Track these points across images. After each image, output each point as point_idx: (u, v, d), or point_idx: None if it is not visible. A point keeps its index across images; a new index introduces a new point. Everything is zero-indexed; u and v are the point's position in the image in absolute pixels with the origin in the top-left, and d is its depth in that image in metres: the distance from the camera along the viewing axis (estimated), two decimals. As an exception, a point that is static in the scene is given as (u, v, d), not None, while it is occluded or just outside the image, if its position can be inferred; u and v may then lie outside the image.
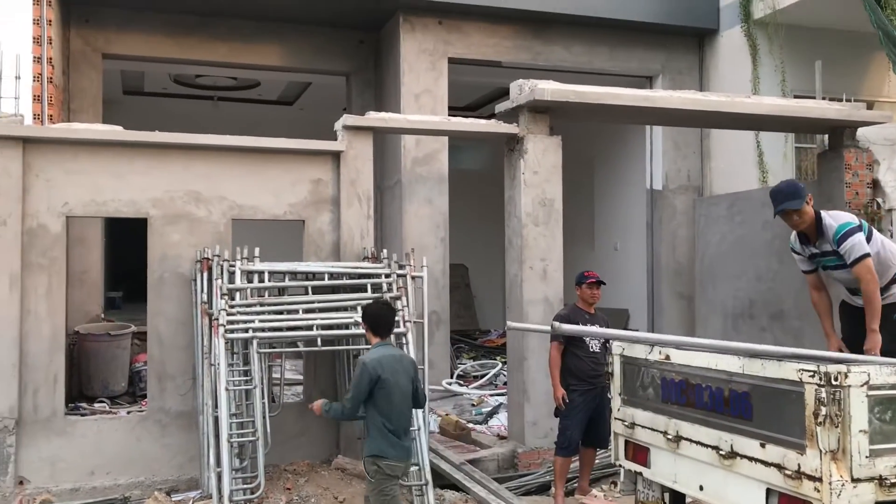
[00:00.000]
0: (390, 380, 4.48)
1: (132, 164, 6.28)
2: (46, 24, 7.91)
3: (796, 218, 4.99)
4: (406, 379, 4.59)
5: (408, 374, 4.62)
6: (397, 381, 4.52)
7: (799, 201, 4.93)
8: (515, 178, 7.09)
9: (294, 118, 14.00)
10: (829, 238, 4.96)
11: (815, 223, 5.01)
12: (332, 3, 9.23)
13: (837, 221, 4.95)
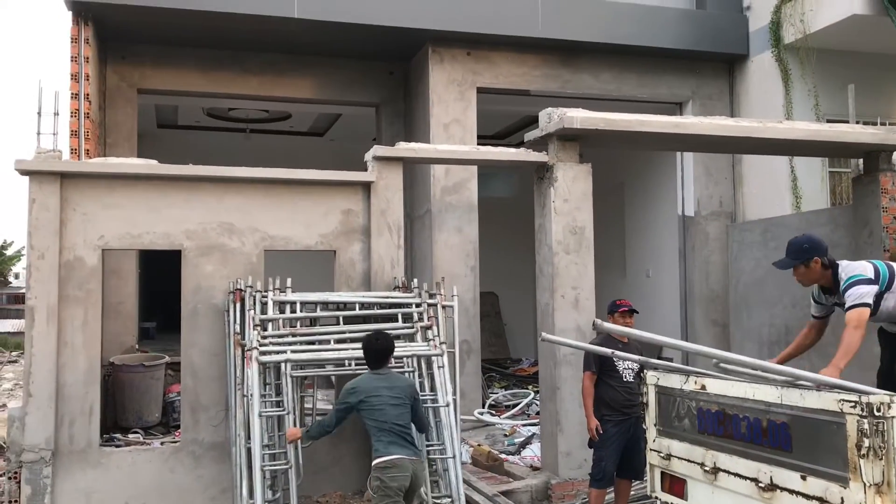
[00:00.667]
0: (372, 397, 4.73)
1: (166, 196, 6.38)
2: (84, 62, 8.10)
3: (796, 275, 5.10)
4: (394, 396, 4.76)
5: (398, 393, 4.79)
6: (381, 396, 4.74)
7: (791, 261, 5.04)
8: (545, 206, 7.07)
9: (325, 149, 14.15)
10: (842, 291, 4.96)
11: (833, 275, 5.01)
12: (362, 37, 9.33)
13: (848, 273, 4.95)
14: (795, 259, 5.04)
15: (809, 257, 4.99)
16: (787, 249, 5.13)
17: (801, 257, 5.00)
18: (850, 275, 4.94)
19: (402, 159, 7.03)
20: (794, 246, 5.10)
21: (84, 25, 8.30)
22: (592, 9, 9.75)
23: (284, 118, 13.16)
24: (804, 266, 5.02)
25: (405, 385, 4.97)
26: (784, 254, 5.14)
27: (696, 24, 10.16)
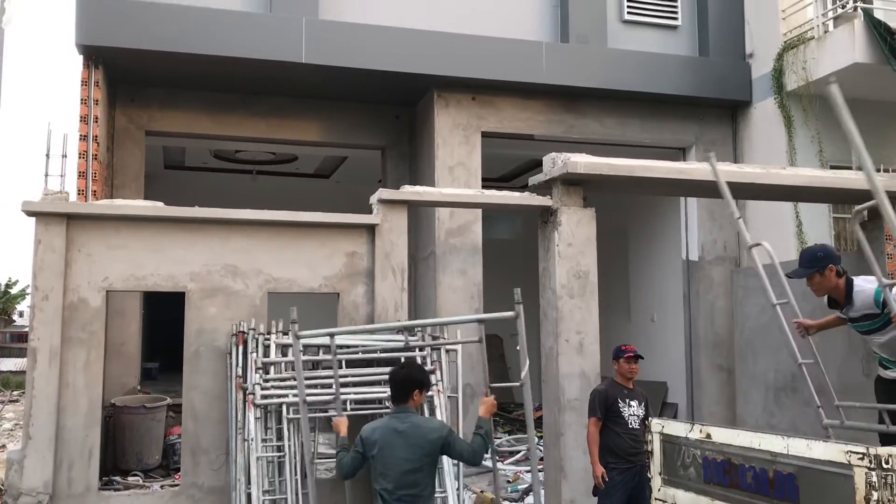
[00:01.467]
0: (385, 452, 4.17)
1: (172, 238, 6.40)
2: (94, 104, 8.20)
3: (811, 285, 5.13)
4: (409, 457, 4.13)
5: (415, 452, 4.14)
6: (394, 455, 4.15)
7: (805, 270, 5.08)
8: (550, 250, 7.08)
9: (330, 190, 14.23)
10: (863, 303, 4.92)
11: (846, 289, 4.98)
12: (369, 82, 9.44)
13: (872, 284, 4.93)
14: (811, 267, 5.06)
15: (825, 265, 5.02)
16: (800, 260, 5.18)
17: (817, 265, 5.03)
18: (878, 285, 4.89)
19: (407, 202, 7.06)
20: (809, 255, 5.16)
21: (94, 69, 8.41)
22: (596, 56, 9.87)
23: (291, 160, 13.26)
24: (820, 274, 5.02)
25: (429, 438, 4.19)
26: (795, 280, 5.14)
27: (699, 70, 10.26)
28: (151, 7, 8.50)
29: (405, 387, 4.35)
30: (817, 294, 5.23)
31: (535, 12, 10.11)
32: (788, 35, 9.75)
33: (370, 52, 9.05)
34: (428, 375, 4.65)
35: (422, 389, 4.41)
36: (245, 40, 8.64)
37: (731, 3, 10.50)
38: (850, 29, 8.82)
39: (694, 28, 10.62)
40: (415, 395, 4.35)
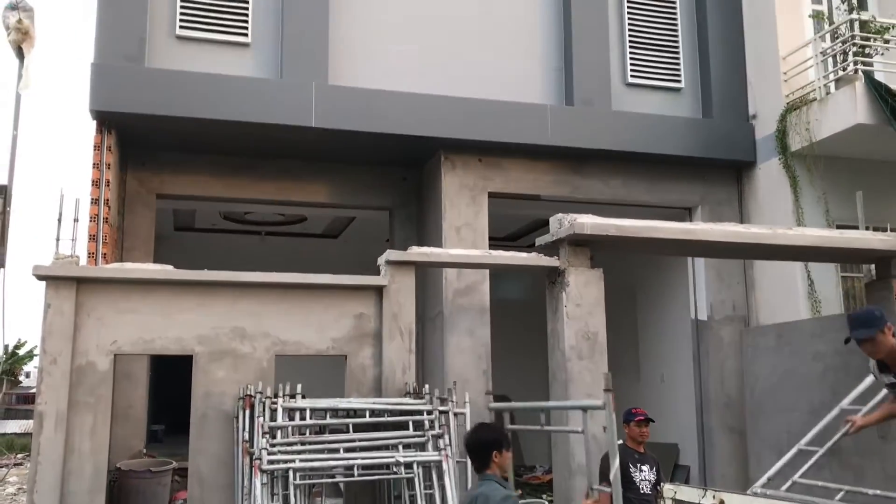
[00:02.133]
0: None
1: (180, 302, 6.43)
2: (105, 168, 8.32)
3: (870, 347, 4.93)
4: None
5: None
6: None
7: (867, 331, 4.89)
8: (558, 310, 7.08)
9: (338, 251, 14.30)
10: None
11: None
12: (377, 144, 9.57)
13: None
14: (872, 328, 4.88)
15: (883, 324, 4.88)
16: (854, 323, 4.98)
17: (879, 324, 4.87)
18: None
19: (415, 263, 7.10)
20: (865, 316, 5.00)
21: (107, 133, 8.56)
22: (600, 118, 10.00)
23: (299, 221, 13.36)
24: (881, 333, 4.87)
25: None
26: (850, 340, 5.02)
27: (703, 132, 10.38)
28: (164, 74, 8.69)
29: (478, 452, 4.15)
30: (874, 356, 5.04)
31: (540, 76, 10.28)
32: (791, 97, 9.87)
33: (378, 115, 9.19)
34: (500, 432, 4.35)
35: (500, 450, 4.14)
36: (256, 105, 8.80)
37: (733, 66, 10.67)
38: (852, 91, 8.94)
39: (697, 90, 10.77)
40: (495, 458, 4.11)
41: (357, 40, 9.63)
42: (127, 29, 8.66)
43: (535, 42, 10.32)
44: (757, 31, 10.45)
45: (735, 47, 10.71)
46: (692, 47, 10.86)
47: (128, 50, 8.61)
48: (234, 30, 9.18)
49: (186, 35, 9.03)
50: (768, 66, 10.22)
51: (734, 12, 10.79)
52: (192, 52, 9.04)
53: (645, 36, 10.62)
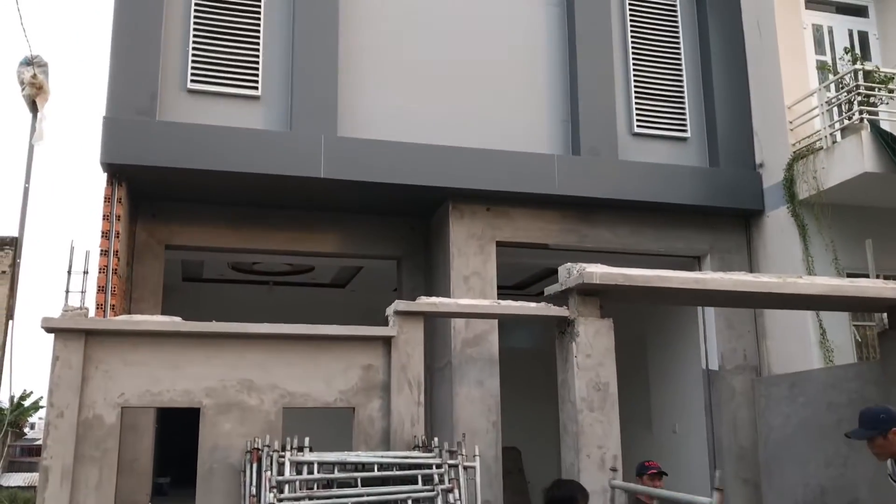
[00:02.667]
0: None
1: (188, 353, 6.40)
2: (115, 220, 8.37)
3: (872, 447, 4.92)
4: None
5: None
6: None
7: (867, 432, 4.88)
8: (568, 361, 7.01)
9: (346, 300, 14.30)
10: None
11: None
12: (385, 194, 9.63)
13: None
14: (873, 429, 4.87)
15: (888, 428, 4.83)
16: (860, 419, 4.98)
17: (879, 427, 4.84)
18: None
19: (424, 314, 7.07)
20: (870, 416, 4.96)
21: (118, 185, 8.63)
22: (607, 167, 10.05)
23: (307, 271, 13.38)
24: (882, 437, 4.84)
25: None
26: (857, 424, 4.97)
27: (710, 180, 10.41)
28: (175, 127, 8.80)
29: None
30: (879, 458, 5.00)
31: (547, 126, 10.36)
32: (797, 145, 9.92)
33: (387, 166, 9.26)
34: (580, 489, 4.33)
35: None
36: (266, 157, 8.88)
37: (739, 115, 10.75)
38: (858, 139, 8.97)
39: (703, 139, 10.84)
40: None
41: (365, 92, 9.76)
42: (139, 83, 8.79)
43: (542, 93, 10.43)
44: (762, 81, 10.54)
45: (740, 97, 10.80)
46: (697, 97, 10.96)
47: (139, 104, 8.73)
48: (245, 83, 9.31)
49: (197, 89, 9.17)
50: (774, 115, 10.29)
51: (739, 62, 10.91)
52: (203, 105, 9.17)
53: (650, 86, 10.73)
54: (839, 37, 10.71)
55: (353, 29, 9.84)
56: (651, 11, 10.97)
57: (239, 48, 9.37)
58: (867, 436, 4.91)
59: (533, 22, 10.58)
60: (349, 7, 9.85)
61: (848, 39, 10.73)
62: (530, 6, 10.61)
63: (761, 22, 10.56)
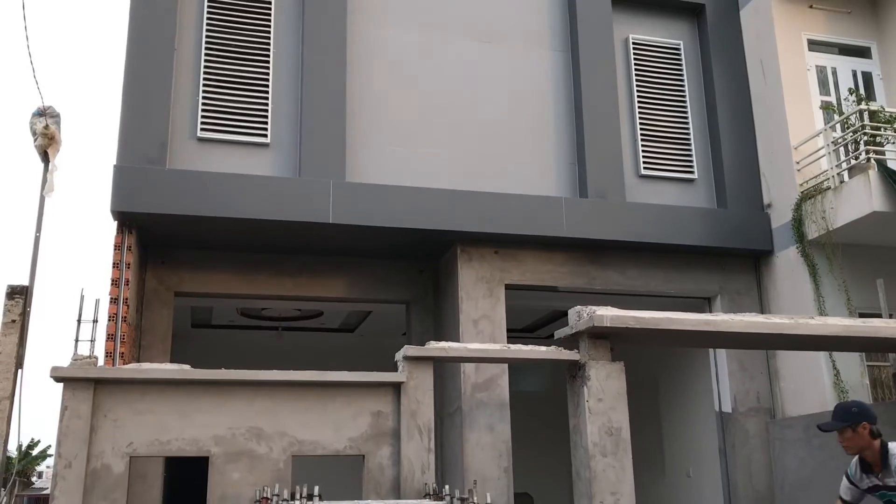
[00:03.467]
0: None
1: (197, 401, 6.36)
2: (125, 268, 8.40)
3: (841, 440, 5.04)
4: None
5: None
6: None
7: (837, 423, 5.03)
8: (579, 405, 6.94)
9: (355, 345, 14.24)
10: (891, 468, 4.85)
11: (881, 454, 4.92)
12: (393, 239, 9.65)
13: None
14: (843, 421, 5.01)
15: (858, 421, 4.95)
16: (833, 413, 5.12)
17: (849, 420, 4.97)
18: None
19: (433, 358, 7.02)
20: (842, 409, 5.11)
21: (128, 233, 8.69)
22: (615, 210, 10.06)
23: (316, 315, 13.35)
24: (852, 430, 4.97)
25: None
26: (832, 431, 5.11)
27: (718, 221, 10.41)
28: (185, 175, 8.88)
29: None
30: (848, 451, 5.14)
31: (554, 169, 10.41)
32: (804, 185, 9.93)
33: (395, 210, 9.30)
34: None
35: None
36: (274, 203, 8.93)
37: (745, 156, 10.79)
38: (866, 179, 8.98)
39: (710, 180, 10.86)
40: None
41: (373, 138, 9.84)
42: (149, 132, 8.90)
43: (548, 136, 10.50)
44: (767, 122, 10.60)
45: (746, 138, 10.86)
46: (704, 138, 11.01)
47: (150, 152, 8.83)
48: (255, 131, 9.42)
49: (207, 137, 9.27)
50: (780, 156, 10.32)
51: (744, 104, 10.99)
52: (213, 153, 9.26)
53: (656, 129, 10.80)
54: (843, 77, 10.79)
55: (361, 75, 9.97)
56: (655, 55, 11.09)
57: (248, 96, 9.49)
58: (837, 427, 5.04)
59: (538, 67, 10.70)
60: (357, 54, 9.99)
61: (852, 80, 10.81)
62: (536, 52, 10.74)
63: (765, 64, 10.66)
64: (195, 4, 9.63)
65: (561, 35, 10.86)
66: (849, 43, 11.00)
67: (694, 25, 11.48)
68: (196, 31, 9.54)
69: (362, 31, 10.11)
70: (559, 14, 10.93)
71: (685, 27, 11.44)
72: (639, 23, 11.20)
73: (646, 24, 11.23)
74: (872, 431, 4.98)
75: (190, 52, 9.47)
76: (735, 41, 11.23)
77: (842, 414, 5.08)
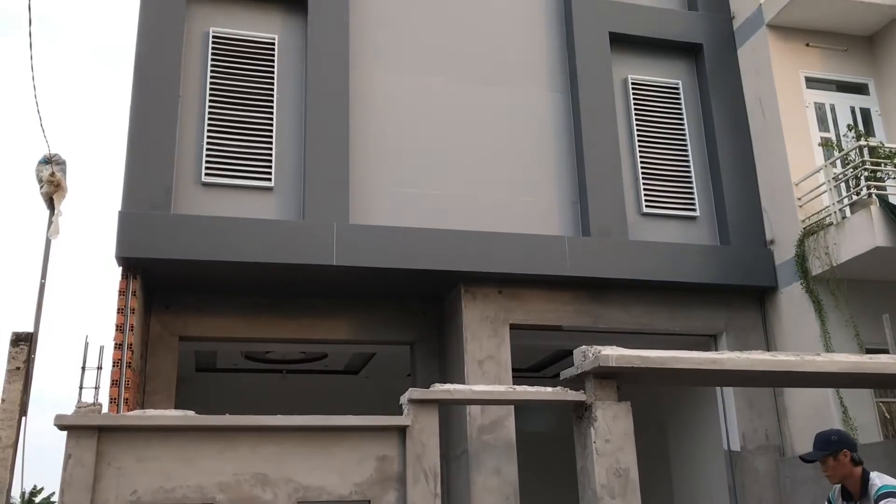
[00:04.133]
0: None
1: (202, 448, 6.31)
2: (130, 313, 8.41)
3: (825, 470, 5.10)
4: None
5: None
6: None
7: (819, 453, 5.07)
8: (587, 447, 6.88)
9: (359, 387, 14.17)
10: (870, 496, 4.85)
11: (861, 482, 4.96)
12: (397, 280, 9.66)
13: (883, 481, 4.89)
14: (824, 450, 5.05)
15: (838, 449, 5.00)
16: (814, 442, 5.16)
17: (829, 448, 5.02)
18: (886, 483, 4.85)
19: (438, 401, 6.98)
20: (822, 438, 5.14)
21: (132, 279, 8.70)
22: (618, 248, 10.08)
23: (320, 358, 13.32)
24: (833, 459, 5.00)
25: None
26: None
27: (721, 258, 10.41)
28: (189, 220, 8.93)
29: None
30: (831, 481, 5.19)
31: (556, 208, 10.45)
32: (806, 221, 9.95)
33: (398, 251, 9.33)
34: None
35: None
36: (279, 246, 8.97)
37: (746, 193, 10.83)
38: (868, 214, 9.00)
39: (713, 217, 10.89)
40: None
41: (376, 180, 9.91)
42: (154, 177, 8.97)
43: (550, 176, 10.56)
44: (768, 159, 10.66)
45: (747, 174, 10.91)
46: (705, 176, 11.07)
47: (154, 198, 8.89)
48: (258, 175, 9.50)
49: (212, 181, 9.34)
50: (781, 192, 10.36)
51: (744, 141, 11.06)
52: (217, 198, 9.32)
53: (657, 166, 10.87)
54: (842, 114, 10.88)
55: (364, 118, 10.07)
56: (654, 94, 11.20)
57: (252, 141, 9.59)
58: (818, 457, 5.07)
59: (539, 108, 10.80)
60: (359, 98, 10.11)
61: (850, 116, 10.89)
62: (536, 93, 10.85)
63: (764, 101, 10.75)
64: (199, 52, 9.77)
65: (560, 76, 10.98)
66: (846, 80, 11.11)
67: (692, 65, 11.61)
68: (200, 77, 9.67)
69: (364, 75, 10.24)
70: (558, 56, 11.07)
71: (683, 66, 11.57)
72: (637, 63, 11.33)
73: (644, 65, 11.36)
74: (853, 459, 5.03)
75: (194, 98, 9.59)
76: (733, 79, 11.35)
77: (822, 443, 5.12)
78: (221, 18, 9.97)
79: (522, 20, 11.12)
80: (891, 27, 11.03)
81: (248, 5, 10.13)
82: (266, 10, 10.19)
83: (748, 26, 11.21)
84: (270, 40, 10.00)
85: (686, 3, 11.89)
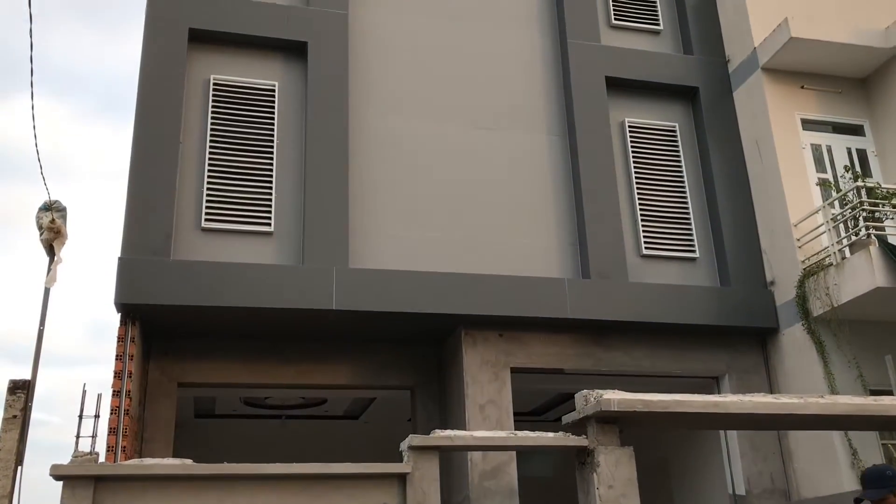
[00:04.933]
0: None
1: (199, 497, 6.24)
2: (129, 360, 8.36)
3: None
4: None
5: None
6: None
7: (878, 491, 4.82)
8: (590, 493, 6.79)
9: (360, 432, 14.03)
10: None
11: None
12: (397, 323, 9.62)
13: None
14: (882, 487, 4.81)
15: (892, 485, 4.80)
16: (866, 481, 4.93)
17: (889, 485, 4.80)
18: None
19: (439, 448, 6.91)
20: (877, 474, 4.92)
21: (131, 325, 8.66)
22: (618, 290, 10.05)
23: (320, 403, 13.21)
24: (893, 495, 4.79)
25: None
26: None
27: (721, 300, 10.38)
28: (189, 265, 8.92)
29: None
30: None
31: (556, 251, 10.44)
32: (806, 262, 9.94)
33: (398, 295, 9.31)
34: None
35: None
36: (278, 291, 8.95)
37: (746, 235, 10.83)
38: (867, 255, 9.00)
39: (712, 259, 10.88)
40: None
41: (376, 224, 9.93)
42: (154, 224, 8.98)
43: (549, 219, 10.58)
44: (766, 200, 10.69)
45: (746, 216, 10.93)
46: (703, 218, 11.09)
47: (154, 244, 8.89)
48: (258, 220, 9.51)
49: (211, 227, 9.35)
50: (780, 233, 10.37)
51: (742, 182, 11.11)
52: (217, 243, 9.32)
53: (656, 209, 10.89)
54: (838, 155, 10.94)
55: (363, 163, 10.12)
56: (651, 137, 11.27)
57: (252, 186, 9.62)
58: (879, 496, 4.81)
59: (537, 151, 10.86)
60: (359, 143, 10.17)
61: (847, 157, 10.94)
62: (534, 137, 10.91)
63: (761, 143, 10.83)
64: (200, 98, 9.86)
65: (558, 120, 11.07)
66: (842, 121, 11.20)
67: (688, 107, 11.71)
68: (201, 123, 9.74)
69: (364, 120, 10.32)
70: (556, 100, 11.17)
71: (680, 109, 11.66)
72: (634, 106, 11.43)
73: (641, 108, 11.46)
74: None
75: (195, 144, 9.64)
76: (730, 122, 11.44)
77: (878, 480, 4.85)
78: (222, 66, 10.08)
79: (520, 65, 11.24)
80: (884, 69, 11.15)
81: (249, 53, 10.24)
82: (266, 57, 10.31)
83: (743, 69, 11.33)
84: (271, 87, 10.10)
85: (681, 48, 12.03)
